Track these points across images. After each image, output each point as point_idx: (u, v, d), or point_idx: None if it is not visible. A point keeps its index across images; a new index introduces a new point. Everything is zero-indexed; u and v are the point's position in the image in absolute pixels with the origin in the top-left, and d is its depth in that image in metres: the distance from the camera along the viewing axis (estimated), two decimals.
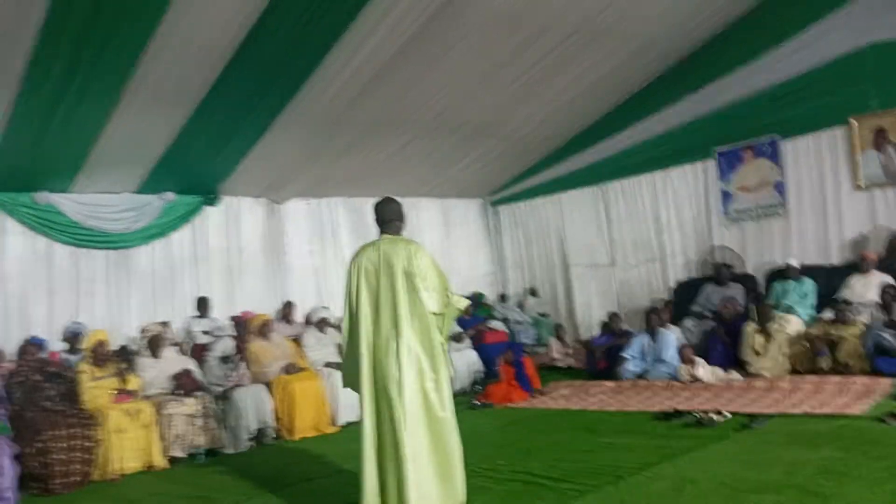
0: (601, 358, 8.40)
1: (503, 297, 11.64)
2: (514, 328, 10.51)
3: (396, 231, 4.26)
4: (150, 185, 8.29)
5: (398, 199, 4.42)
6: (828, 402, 5.76)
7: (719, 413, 5.61)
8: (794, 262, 8.17)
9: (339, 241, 10.19)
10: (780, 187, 8.98)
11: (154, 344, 6.81)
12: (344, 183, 9.68)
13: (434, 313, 4.01)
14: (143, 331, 7.02)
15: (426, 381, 3.97)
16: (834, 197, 8.58)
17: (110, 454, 5.91)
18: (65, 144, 6.94)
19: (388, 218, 4.26)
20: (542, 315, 11.24)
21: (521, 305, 11.45)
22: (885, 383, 6.13)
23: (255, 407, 6.75)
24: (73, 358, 6.94)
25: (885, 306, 7.00)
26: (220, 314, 8.46)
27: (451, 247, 11.36)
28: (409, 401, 3.90)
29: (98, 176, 7.72)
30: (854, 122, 8.35)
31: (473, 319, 9.66)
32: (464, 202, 11.95)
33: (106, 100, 6.42)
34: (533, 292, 11.62)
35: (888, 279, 7.31)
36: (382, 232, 4.26)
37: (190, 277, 8.77)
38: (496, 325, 10.02)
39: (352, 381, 4.21)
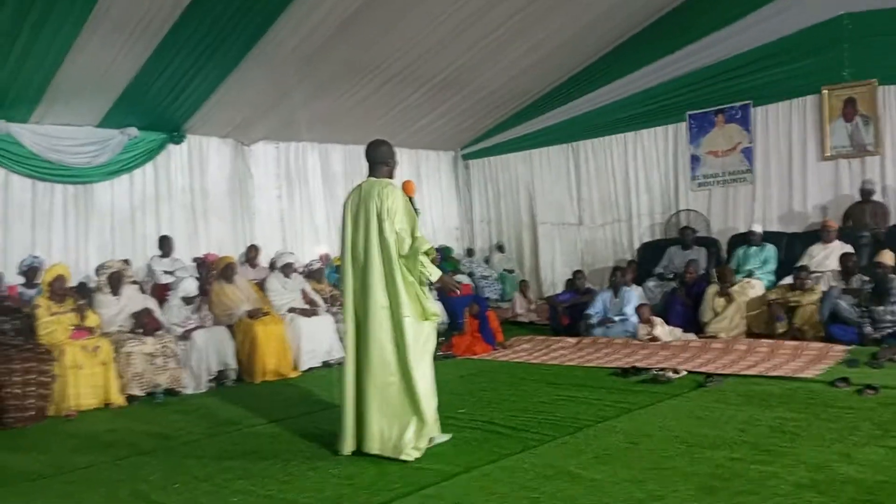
0: (564, 314, 8.49)
1: (470, 252, 11.67)
2: (479, 283, 10.56)
3: (384, 174, 4.30)
4: (113, 120, 8.04)
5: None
6: (782, 365, 5.91)
7: (676, 371, 5.73)
8: (757, 228, 8.30)
9: (307, 186, 10.08)
10: (748, 153, 9.08)
11: (114, 281, 6.67)
12: (313, 127, 9.51)
13: (400, 255, 4.05)
14: (101, 267, 6.85)
15: (393, 321, 4.06)
16: (800, 165, 8.73)
17: (67, 390, 5.84)
18: (24, 73, 6.69)
19: (375, 160, 4.32)
20: (508, 271, 11.30)
21: (487, 260, 11.49)
22: (838, 349, 6.30)
23: (216, 349, 6.72)
24: (29, 292, 6.78)
25: (843, 275, 7.17)
26: (184, 255, 8.33)
27: (421, 199, 11.27)
28: (377, 338, 4.04)
29: (59, 107, 7.47)
30: (825, 92, 8.43)
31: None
32: (435, 154, 11.85)
33: (68, 28, 6.19)
34: (500, 248, 11.66)
35: (848, 248, 7.47)
36: (370, 174, 4.31)
37: (152, 216, 8.61)
38: (462, 278, 10.04)
39: (344, 319, 4.33)
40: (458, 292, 4.73)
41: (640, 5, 8.65)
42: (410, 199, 4.42)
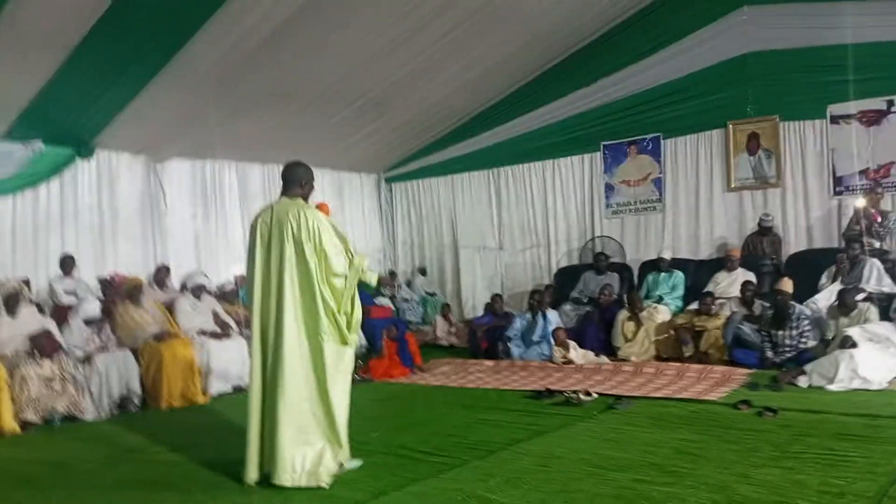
0: (483, 338, 8.54)
1: (392, 275, 11.62)
2: (401, 305, 10.53)
3: (298, 196, 4.17)
4: (17, 132, 7.65)
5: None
6: (688, 388, 6.10)
7: (588, 394, 5.83)
8: (666, 255, 8.59)
9: (223, 206, 9.83)
10: (658, 183, 9.42)
11: (10, 301, 6.31)
12: (232, 147, 9.29)
13: (336, 275, 3.98)
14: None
15: (310, 344, 3.98)
16: (707, 196, 9.12)
17: None
18: None
19: (289, 180, 4.20)
20: (430, 294, 11.31)
21: (409, 283, 11.47)
22: (741, 373, 6.55)
23: (119, 373, 6.43)
24: None
25: (745, 301, 7.48)
26: (90, 275, 7.97)
27: (344, 221, 11.18)
28: (290, 362, 3.94)
29: None
30: (731, 126, 8.85)
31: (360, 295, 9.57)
32: (358, 176, 11.81)
33: None
34: (422, 271, 11.67)
35: (750, 276, 7.82)
36: (283, 195, 4.20)
37: (56, 234, 8.20)
38: (381, 301, 9.99)
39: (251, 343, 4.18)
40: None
41: (562, 35, 8.90)
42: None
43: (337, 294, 4.03)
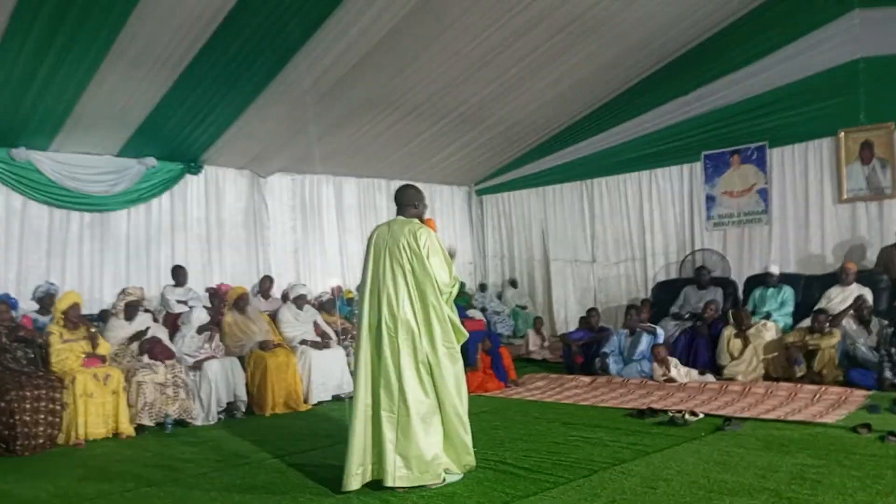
0: (577, 353, 8.40)
1: (483, 287, 11.62)
2: (491, 318, 10.49)
3: (413, 216, 4.47)
4: (132, 149, 8.12)
5: (415, 184, 4.73)
6: (802, 410, 5.79)
7: (693, 414, 5.62)
8: (775, 270, 8.22)
9: (321, 219, 10.11)
10: (763, 194, 9.03)
11: (130, 308, 6.68)
12: (329, 161, 9.56)
13: (440, 288, 4.20)
14: (122, 292, 6.86)
15: (419, 355, 4.16)
16: (817, 207, 8.67)
17: (76, 419, 5.80)
18: (46, 102, 6.78)
19: (403, 202, 4.50)
20: (521, 307, 11.24)
21: (500, 296, 11.43)
22: (858, 394, 6.19)
23: (226, 380, 6.67)
24: (43, 319, 6.78)
25: (860, 319, 7.06)
26: (197, 285, 8.33)
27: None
28: (404, 373, 4.11)
29: (79, 136, 7.55)
30: (842, 135, 8.41)
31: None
32: (449, 189, 11.90)
33: (90, 59, 6.28)
34: (513, 283, 11.61)
35: (865, 291, 7.38)
36: (398, 214, 4.51)
37: (167, 245, 8.65)
38: (474, 314, 9.98)
39: (355, 350, 4.39)
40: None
41: (657, 45, 8.71)
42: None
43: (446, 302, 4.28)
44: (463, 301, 10.48)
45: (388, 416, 4.09)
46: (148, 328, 6.67)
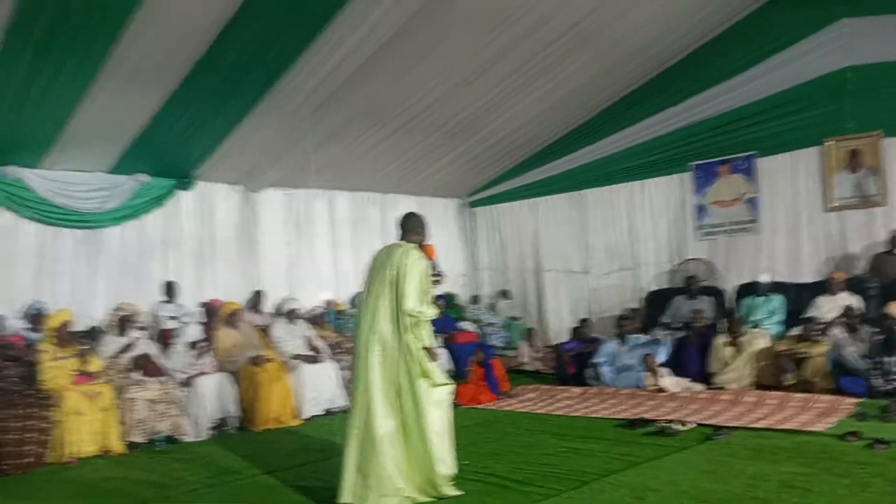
0: (570, 363, 8.41)
1: (475, 299, 11.63)
2: (484, 330, 10.49)
3: (413, 241, 4.56)
4: (124, 166, 8.11)
5: (418, 209, 4.95)
6: (792, 418, 5.81)
7: (683, 423, 5.63)
8: (765, 278, 8.25)
9: (313, 233, 10.11)
10: (753, 203, 9.09)
11: (122, 323, 6.69)
12: (321, 174, 9.57)
13: (408, 314, 4.21)
14: (117, 308, 6.88)
15: (389, 374, 4.21)
16: (806, 216, 8.72)
17: (67, 437, 5.77)
18: (38, 120, 6.77)
19: (406, 228, 4.65)
20: (514, 318, 11.25)
21: (492, 307, 11.44)
22: (847, 402, 6.20)
23: (218, 395, 6.66)
24: (34, 336, 6.76)
25: (850, 327, 7.10)
26: (190, 300, 8.32)
27: None
28: (378, 392, 4.18)
29: (71, 153, 7.54)
30: (829, 143, 8.47)
31: (445, 319, 9.62)
32: (442, 201, 11.91)
33: (82, 77, 6.28)
34: (505, 295, 11.62)
35: (855, 300, 7.41)
36: (400, 238, 4.62)
37: (160, 261, 8.61)
38: (467, 325, 10.00)
39: (352, 369, 4.47)
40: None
41: (646, 57, 8.79)
42: (433, 263, 4.56)
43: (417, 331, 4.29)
44: (455, 313, 10.50)
45: (356, 433, 4.16)
46: (137, 338, 6.67)
